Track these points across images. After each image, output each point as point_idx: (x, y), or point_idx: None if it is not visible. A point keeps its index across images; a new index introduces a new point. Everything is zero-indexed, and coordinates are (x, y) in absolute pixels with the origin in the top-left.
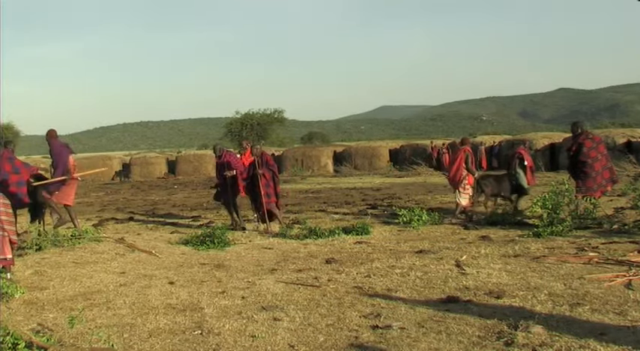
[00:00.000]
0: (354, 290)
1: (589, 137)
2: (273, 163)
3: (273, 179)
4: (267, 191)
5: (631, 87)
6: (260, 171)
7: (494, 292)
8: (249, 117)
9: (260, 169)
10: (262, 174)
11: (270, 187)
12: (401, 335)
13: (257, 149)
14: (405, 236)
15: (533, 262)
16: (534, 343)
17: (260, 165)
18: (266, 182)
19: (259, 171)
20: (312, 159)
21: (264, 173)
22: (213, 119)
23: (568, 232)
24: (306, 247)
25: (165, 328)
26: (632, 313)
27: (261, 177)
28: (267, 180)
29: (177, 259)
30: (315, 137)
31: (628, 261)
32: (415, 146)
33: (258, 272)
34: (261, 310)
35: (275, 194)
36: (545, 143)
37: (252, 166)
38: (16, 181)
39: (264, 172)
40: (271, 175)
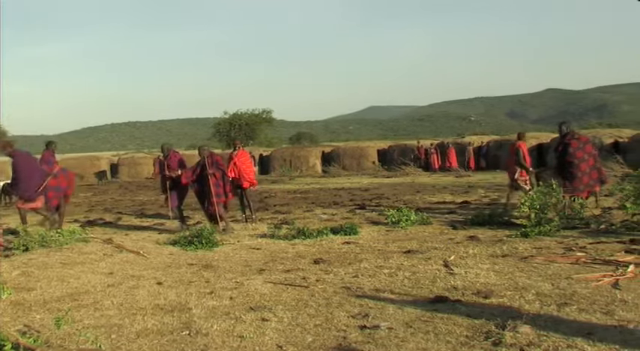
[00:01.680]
0: (342, 290)
1: (575, 137)
2: (222, 163)
3: (223, 178)
4: (217, 191)
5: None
6: (210, 171)
7: (482, 292)
8: (237, 117)
9: (210, 169)
10: (212, 174)
11: (220, 187)
12: (389, 335)
13: (205, 150)
14: (393, 236)
15: (521, 262)
16: (522, 342)
17: (210, 165)
18: (216, 182)
19: (209, 171)
20: (300, 159)
21: (214, 173)
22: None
23: (556, 232)
24: (294, 248)
25: (153, 329)
26: (619, 313)
27: (211, 177)
28: (217, 179)
29: (165, 260)
30: (303, 137)
31: (615, 261)
32: (403, 146)
33: (246, 273)
34: (249, 311)
35: (225, 193)
36: (533, 143)
37: (201, 166)
38: (55, 186)
39: (214, 171)
40: (221, 174)
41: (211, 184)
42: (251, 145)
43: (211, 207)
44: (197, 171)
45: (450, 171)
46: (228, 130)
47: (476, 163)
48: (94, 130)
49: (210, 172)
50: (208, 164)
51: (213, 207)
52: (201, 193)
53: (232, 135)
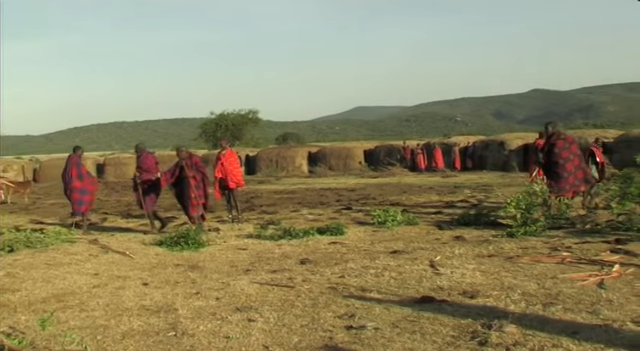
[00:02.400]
0: (329, 291)
1: (561, 137)
2: (202, 165)
3: (203, 181)
4: (197, 193)
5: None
6: (190, 173)
7: (468, 292)
8: (223, 117)
9: (189, 171)
10: (192, 176)
11: (200, 189)
12: (375, 335)
13: (184, 152)
14: (380, 237)
15: (506, 262)
16: (508, 342)
17: (189, 167)
18: (196, 184)
19: (189, 173)
20: (286, 159)
21: (194, 175)
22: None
23: (541, 232)
24: (280, 248)
25: (139, 330)
26: (604, 312)
27: (190, 179)
28: (198, 182)
29: (151, 260)
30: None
31: (600, 260)
32: (390, 147)
33: (232, 273)
34: (236, 311)
35: (205, 196)
36: (519, 144)
37: (179, 168)
38: (80, 188)
39: (194, 174)
40: (201, 177)
41: (191, 187)
42: (237, 145)
43: (192, 210)
44: (176, 173)
45: (436, 171)
46: (214, 131)
47: (462, 163)
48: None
49: (190, 174)
50: (187, 166)
51: (194, 210)
52: (181, 195)
53: (219, 135)
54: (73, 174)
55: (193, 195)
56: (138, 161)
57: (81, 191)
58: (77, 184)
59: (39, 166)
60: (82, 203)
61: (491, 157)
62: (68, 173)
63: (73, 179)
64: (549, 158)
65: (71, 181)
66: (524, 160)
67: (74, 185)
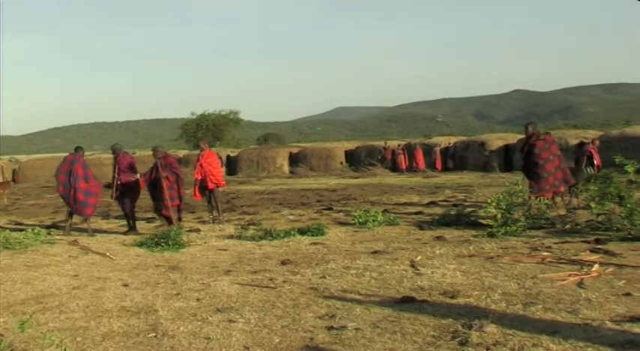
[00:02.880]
0: (310, 291)
1: (541, 138)
2: (176, 166)
3: (177, 182)
4: (171, 194)
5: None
6: (163, 174)
7: (448, 292)
8: (204, 118)
9: (163, 172)
10: (166, 177)
11: (174, 190)
12: (356, 336)
13: (159, 152)
14: (361, 237)
15: (487, 262)
16: (488, 342)
17: (163, 167)
18: (170, 185)
19: (162, 174)
20: (267, 160)
21: (167, 176)
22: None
23: (522, 232)
24: (261, 249)
25: (119, 331)
26: (583, 311)
27: (164, 180)
28: (171, 183)
29: (131, 261)
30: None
31: (580, 260)
32: (371, 147)
33: (213, 274)
34: (216, 312)
35: (179, 197)
36: (500, 144)
37: (154, 168)
38: (85, 190)
39: (167, 175)
40: (175, 178)
41: (165, 188)
42: (218, 145)
43: (165, 211)
44: (153, 173)
45: (417, 172)
46: (195, 131)
47: (443, 163)
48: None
49: (164, 175)
50: (161, 167)
51: (168, 211)
52: (155, 196)
53: (199, 136)
54: (79, 174)
55: (167, 196)
56: (115, 162)
57: (86, 193)
58: (83, 185)
59: (18, 166)
60: (87, 205)
61: (472, 157)
62: (74, 173)
63: (79, 180)
64: (529, 159)
65: (77, 182)
66: (504, 161)
67: (79, 185)
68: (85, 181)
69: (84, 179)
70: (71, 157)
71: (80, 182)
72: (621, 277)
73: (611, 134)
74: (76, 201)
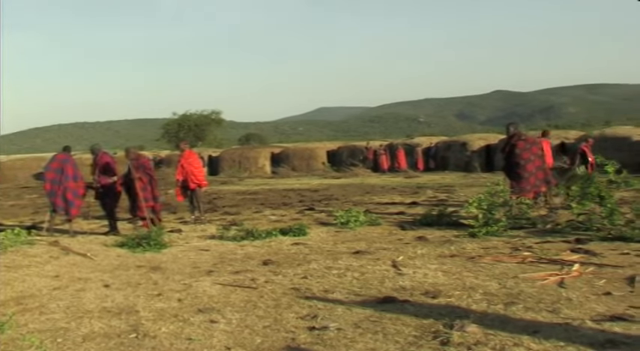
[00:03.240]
0: (291, 292)
1: (522, 138)
2: (150, 167)
3: (150, 183)
4: (145, 195)
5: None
6: (136, 175)
7: (430, 292)
8: (186, 118)
9: (136, 172)
10: (139, 178)
11: (148, 191)
12: (338, 336)
13: (132, 152)
14: (342, 237)
15: (468, 262)
16: (470, 341)
17: (135, 169)
18: (143, 186)
19: (135, 175)
20: (249, 160)
21: (140, 177)
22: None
23: (503, 232)
24: (243, 249)
25: (100, 332)
26: (564, 311)
27: (137, 181)
28: (145, 184)
29: (112, 262)
30: (252, 138)
31: (561, 260)
32: (353, 147)
33: (194, 274)
34: (198, 313)
35: (153, 198)
36: (481, 144)
37: (128, 169)
38: (74, 189)
39: (140, 175)
40: (148, 179)
41: (138, 189)
42: (200, 145)
43: (140, 212)
44: (128, 175)
45: (398, 172)
46: (177, 131)
47: (425, 163)
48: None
49: (137, 176)
50: (134, 168)
51: (142, 212)
52: (129, 197)
53: (181, 136)
54: (70, 173)
55: (141, 197)
56: (94, 163)
57: (74, 193)
58: (72, 184)
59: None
60: (74, 206)
61: (454, 157)
62: (65, 172)
63: (69, 179)
64: (510, 159)
65: (67, 180)
66: (486, 161)
67: (69, 185)
68: (74, 181)
69: (73, 179)
70: (63, 156)
71: (70, 181)
72: (601, 277)
73: (592, 134)
74: (65, 200)
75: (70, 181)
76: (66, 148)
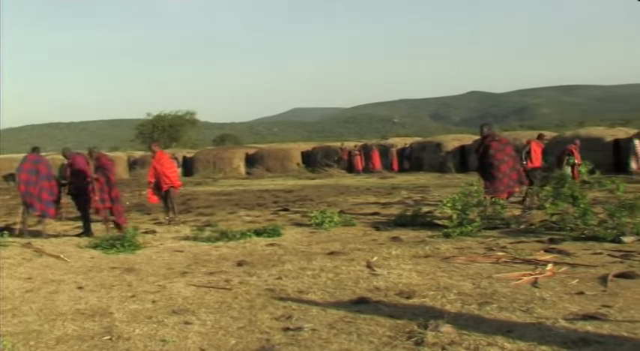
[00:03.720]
0: (266, 292)
1: (496, 139)
2: (109, 168)
3: (108, 183)
4: (102, 196)
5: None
6: (94, 176)
7: (404, 293)
8: (160, 119)
9: (95, 173)
10: (96, 178)
11: (105, 192)
12: (312, 336)
13: (94, 152)
14: (317, 238)
15: (443, 262)
16: (444, 341)
17: (95, 169)
18: (100, 187)
19: (93, 176)
20: (224, 161)
21: (97, 178)
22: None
23: (477, 233)
24: (217, 250)
25: (74, 335)
26: (537, 311)
27: (95, 181)
28: (102, 185)
29: (86, 264)
30: (227, 139)
31: (534, 260)
32: (327, 148)
33: (169, 275)
34: (172, 314)
35: (110, 199)
36: (456, 145)
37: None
38: (49, 189)
39: (98, 176)
40: (105, 180)
41: (95, 190)
42: (174, 146)
43: (97, 212)
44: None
45: (373, 172)
46: (151, 132)
47: (399, 164)
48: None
49: (94, 176)
50: (95, 168)
51: (99, 213)
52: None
53: (155, 136)
54: (44, 173)
55: (97, 198)
56: (67, 165)
57: (50, 192)
58: (47, 183)
59: None
60: (51, 205)
61: (428, 158)
62: (41, 173)
63: (44, 179)
64: (484, 160)
65: (42, 180)
66: (460, 162)
67: (44, 184)
68: (48, 180)
69: (47, 178)
70: (34, 156)
71: (45, 181)
72: (574, 276)
73: (566, 135)
74: (40, 199)
75: (45, 181)
76: (35, 148)
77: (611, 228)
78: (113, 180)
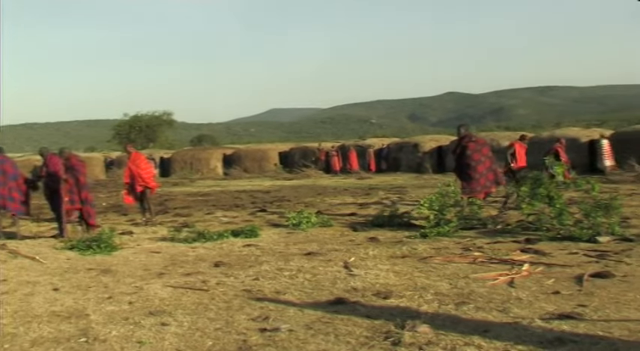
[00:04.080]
0: (243, 293)
1: (472, 140)
2: (78, 168)
3: (77, 185)
4: (71, 197)
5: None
6: (64, 177)
7: (381, 293)
8: (137, 119)
9: (64, 174)
10: (65, 180)
11: (75, 193)
12: (289, 337)
13: (65, 153)
14: (294, 239)
15: (420, 262)
16: (421, 341)
17: (65, 170)
18: (70, 188)
19: (63, 177)
20: (201, 162)
21: (67, 179)
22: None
23: (454, 233)
24: (194, 251)
25: (49, 337)
26: (514, 310)
27: (64, 182)
28: (71, 186)
29: (62, 265)
30: (204, 140)
31: (511, 260)
32: (304, 149)
33: (145, 277)
34: (149, 315)
35: (80, 200)
36: (433, 146)
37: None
38: (17, 188)
39: (67, 177)
40: (74, 181)
41: (64, 191)
42: (151, 147)
43: (68, 215)
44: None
45: (350, 173)
46: (128, 132)
47: (376, 165)
48: None
49: (64, 177)
50: (65, 168)
51: (68, 214)
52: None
53: (132, 137)
54: (10, 173)
55: (66, 199)
56: (43, 165)
57: (19, 191)
58: (14, 183)
59: None
60: (21, 203)
61: (406, 158)
62: (8, 173)
63: (11, 178)
64: (461, 160)
65: (10, 180)
66: (437, 162)
67: (12, 184)
68: (15, 180)
69: (14, 178)
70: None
71: (12, 181)
72: (550, 276)
73: (542, 136)
74: (13, 199)
75: (12, 181)
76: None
77: (587, 228)
78: (83, 181)
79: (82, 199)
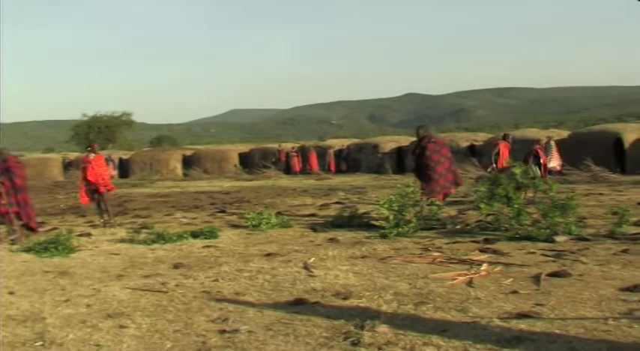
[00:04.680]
0: (202, 295)
1: (432, 141)
2: (15, 170)
3: (14, 187)
4: (9, 200)
5: (475, 93)
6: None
7: (341, 294)
8: (96, 120)
9: (0, 176)
10: (2, 182)
11: (12, 196)
12: (249, 338)
13: (3, 154)
14: (254, 240)
15: (379, 262)
16: (380, 342)
17: (2, 171)
18: (7, 190)
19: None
20: (160, 163)
21: (3, 182)
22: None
23: (413, 233)
24: (153, 252)
25: (4, 341)
26: (472, 310)
27: (0, 185)
28: (8, 188)
29: (18, 268)
30: (164, 140)
31: (470, 260)
32: (265, 150)
33: (104, 279)
34: (107, 318)
35: (17, 203)
36: (393, 147)
37: None
38: None
39: (3, 180)
40: (11, 184)
41: (2, 194)
42: (110, 147)
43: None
44: None
45: (310, 174)
46: (87, 133)
47: (336, 166)
48: None
49: (0, 180)
50: (0, 170)
51: (5, 218)
52: None
53: (91, 137)
54: None
55: (4, 202)
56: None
57: None
58: None
59: None
60: None
61: (366, 159)
62: None
63: None
64: (421, 161)
65: None
66: (397, 163)
67: None
68: None
69: None
70: None
71: None
72: (508, 276)
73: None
74: None
75: None
76: None
77: (545, 228)
78: (19, 184)
79: (18, 202)
